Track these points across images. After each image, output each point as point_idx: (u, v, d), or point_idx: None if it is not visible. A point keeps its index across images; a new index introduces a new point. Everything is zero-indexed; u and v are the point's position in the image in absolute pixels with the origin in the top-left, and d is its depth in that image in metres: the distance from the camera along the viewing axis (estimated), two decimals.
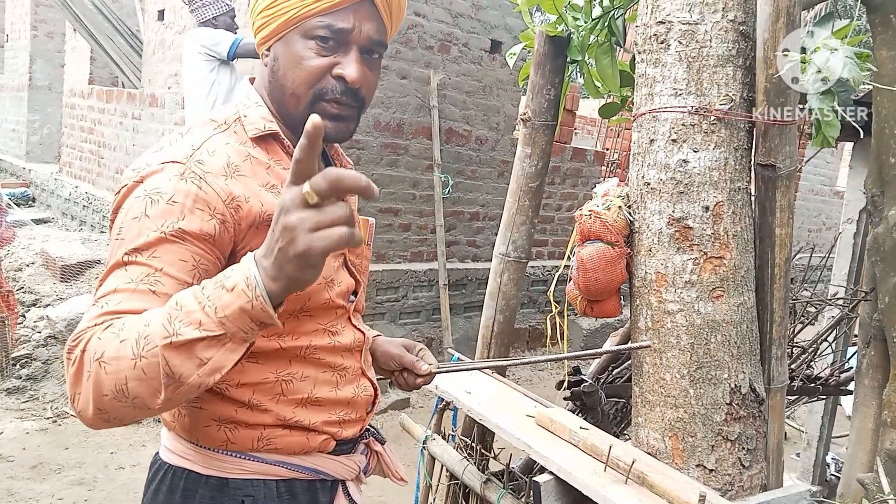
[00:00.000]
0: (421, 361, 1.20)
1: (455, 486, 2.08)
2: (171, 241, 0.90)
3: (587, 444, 1.51)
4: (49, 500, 2.89)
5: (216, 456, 1.05)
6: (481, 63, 5.39)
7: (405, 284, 5.06)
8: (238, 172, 0.98)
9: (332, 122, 1.03)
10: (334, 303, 1.09)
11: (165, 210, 0.91)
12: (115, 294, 0.87)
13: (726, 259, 1.52)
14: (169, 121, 5.56)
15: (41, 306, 4.49)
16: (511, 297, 2.09)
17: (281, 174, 1.04)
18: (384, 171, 4.88)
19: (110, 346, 0.80)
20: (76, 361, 0.83)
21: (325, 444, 1.12)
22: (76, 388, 0.83)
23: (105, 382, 0.80)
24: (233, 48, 3.95)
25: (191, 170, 0.94)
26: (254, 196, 0.97)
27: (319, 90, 1.02)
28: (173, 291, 0.88)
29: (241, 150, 1.01)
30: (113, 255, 0.92)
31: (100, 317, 0.85)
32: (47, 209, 7.71)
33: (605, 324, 5.91)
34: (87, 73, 7.53)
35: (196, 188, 0.93)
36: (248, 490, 1.05)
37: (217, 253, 0.94)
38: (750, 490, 1.53)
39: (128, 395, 0.80)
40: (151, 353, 0.78)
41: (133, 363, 0.79)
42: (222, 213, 0.93)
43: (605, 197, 1.64)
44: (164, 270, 0.89)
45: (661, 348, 1.56)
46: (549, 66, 1.99)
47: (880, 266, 1.80)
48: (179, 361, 0.78)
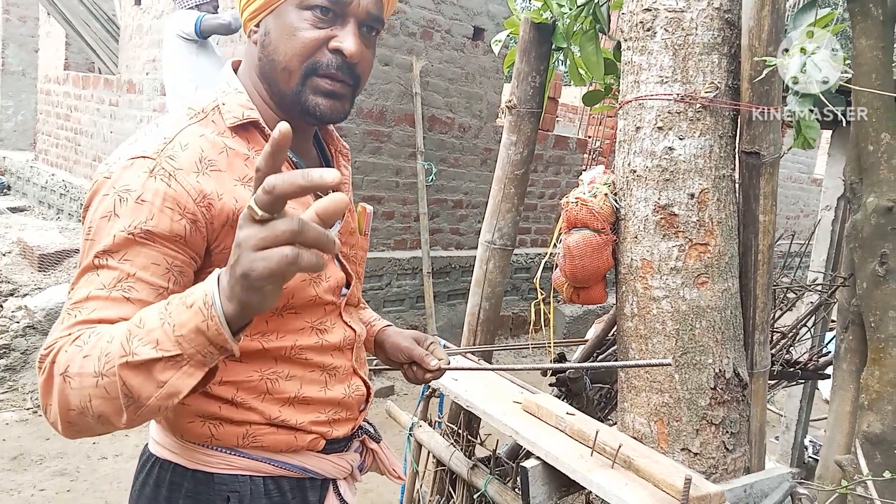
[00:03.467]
0: (431, 356, 1.16)
1: (442, 472, 2.09)
2: (140, 244, 0.86)
3: (574, 429, 1.52)
4: (31, 490, 2.86)
5: (201, 450, 1.02)
6: (464, 50, 5.37)
7: (389, 272, 5.06)
8: (212, 167, 0.93)
9: (325, 100, 0.98)
10: (322, 299, 1.04)
11: (134, 209, 0.87)
12: (88, 302, 0.84)
13: (711, 246, 1.54)
14: (147, 107, 5.48)
15: (19, 296, 4.43)
16: (497, 284, 2.10)
17: None
18: (367, 158, 4.85)
19: (74, 362, 0.77)
20: (45, 373, 0.80)
21: (315, 443, 1.08)
22: (47, 400, 0.81)
23: (70, 397, 0.78)
24: (197, 24, 3.90)
25: (160, 166, 0.89)
26: (227, 193, 0.93)
27: (313, 64, 0.97)
28: (149, 297, 0.86)
29: (217, 142, 0.96)
30: (84, 256, 0.89)
31: (72, 327, 0.83)
32: (23, 197, 7.58)
33: (588, 311, 5.96)
34: (62, 59, 7.38)
35: (165, 186, 0.88)
36: (234, 486, 1.02)
37: (191, 253, 0.91)
38: (733, 473, 1.56)
39: (92, 411, 0.77)
40: (111, 372, 0.75)
41: (95, 381, 0.76)
42: (192, 213, 0.89)
43: (592, 184, 1.65)
44: (138, 276, 0.86)
45: (647, 334, 1.57)
46: (534, 54, 1.99)
47: (858, 252, 1.83)
48: (138, 382, 0.74)
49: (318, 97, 0.99)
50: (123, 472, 3.06)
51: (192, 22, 3.91)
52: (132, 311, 0.82)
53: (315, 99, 0.98)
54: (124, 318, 0.82)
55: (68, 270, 4.93)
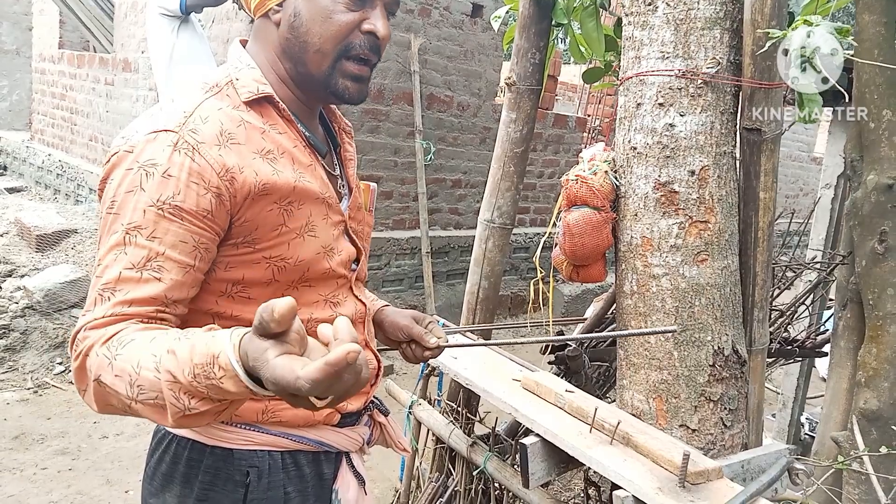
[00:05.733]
0: (429, 334, 1.18)
1: (441, 449, 2.10)
2: (168, 220, 0.89)
3: (573, 406, 1.53)
4: (33, 469, 2.88)
5: (221, 427, 1.04)
6: (462, 27, 5.31)
7: (388, 252, 5.05)
8: (232, 140, 0.95)
9: (353, 84, 1.03)
10: (335, 272, 1.07)
11: (160, 184, 0.89)
12: (121, 283, 0.87)
13: (711, 223, 1.53)
14: (143, 86, 5.43)
15: (17, 276, 4.42)
16: (496, 263, 2.10)
17: (276, 139, 1.01)
18: (365, 137, 4.83)
19: (106, 374, 0.81)
20: (79, 361, 0.85)
21: (330, 416, 1.11)
22: (81, 385, 0.86)
23: (109, 399, 0.83)
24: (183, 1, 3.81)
25: (184, 139, 0.91)
26: (247, 166, 0.94)
27: (346, 46, 1.01)
28: (177, 276, 0.89)
29: (235, 115, 0.97)
30: (109, 230, 0.90)
31: (108, 309, 0.86)
32: (20, 178, 7.54)
33: (587, 290, 5.97)
34: (56, 37, 7.30)
35: (189, 160, 0.90)
36: (253, 461, 1.04)
37: (216, 228, 0.93)
38: (731, 449, 1.57)
39: (132, 413, 0.83)
40: (148, 402, 0.79)
41: (129, 403, 0.81)
42: (217, 187, 0.91)
43: (592, 162, 1.64)
44: (167, 254, 0.89)
45: (647, 311, 1.57)
46: (534, 30, 1.97)
47: (858, 230, 1.83)
48: (195, 421, 0.80)
49: (347, 81, 1.03)
50: (124, 450, 3.08)
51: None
52: (162, 290, 0.88)
53: (345, 83, 1.03)
54: (153, 298, 0.88)
55: (66, 251, 4.92)
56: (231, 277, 0.99)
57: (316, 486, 1.11)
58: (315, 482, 1.11)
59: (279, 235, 0.99)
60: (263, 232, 0.97)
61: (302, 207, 1.01)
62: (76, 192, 6.28)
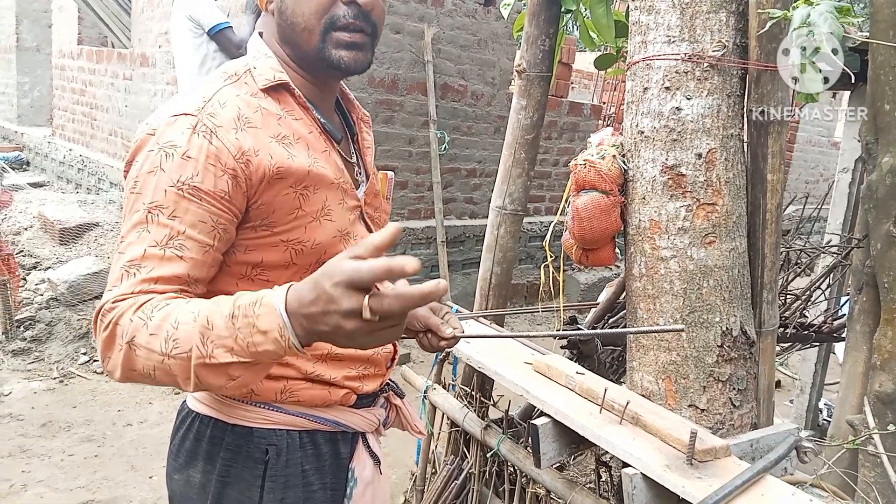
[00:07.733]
0: (446, 325, 1.18)
1: (456, 433, 2.14)
2: (188, 200, 0.92)
3: (583, 387, 1.55)
4: (60, 455, 2.96)
5: (241, 406, 1.08)
6: (476, 16, 5.31)
7: (403, 242, 5.09)
8: (248, 124, 0.98)
9: (347, 52, 1.04)
10: None
11: (180, 165, 0.92)
12: (145, 261, 0.91)
13: (719, 205, 1.54)
14: (161, 80, 5.50)
15: (41, 269, 4.52)
16: (508, 249, 2.12)
17: (292, 125, 1.04)
18: (379, 128, 4.85)
19: (140, 335, 0.84)
20: (108, 329, 0.87)
21: (347, 397, 1.14)
22: (107, 353, 0.88)
23: (135, 362, 0.85)
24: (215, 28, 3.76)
25: (202, 122, 0.95)
26: (263, 149, 0.97)
27: (331, 18, 1.02)
28: (197, 255, 0.93)
29: (252, 102, 1.01)
30: (132, 209, 0.94)
31: (135, 285, 0.89)
32: (42, 173, 7.67)
33: (603, 277, 5.96)
34: (75, 33, 7.40)
35: (207, 143, 0.94)
36: (272, 440, 1.08)
37: (234, 210, 0.96)
38: (740, 428, 1.58)
39: (154, 378, 0.86)
40: (180, 357, 0.82)
41: (161, 359, 0.83)
42: (233, 169, 0.94)
43: (600, 146, 1.65)
44: (187, 233, 0.92)
45: (655, 294, 1.59)
46: (543, 16, 1.98)
47: (873, 213, 1.82)
48: (211, 376, 0.83)
49: (340, 50, 1.04)
50: (148, 438, 3.16)
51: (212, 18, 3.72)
52: (185, 269, 0.92)
53: (338, 52, 1.04)
54: (178, 276, 0.91)
55: (89, 244, 5.01)
56: (250, 260, 1.02)
57: (333, 465, 1.15)
58: (332, 461, 1.15)
59: (296, 219, 1.02)
60: (280, 215, 1.00)
61: (318, 192, 1.04)
62: (97, 185, 6.38)
